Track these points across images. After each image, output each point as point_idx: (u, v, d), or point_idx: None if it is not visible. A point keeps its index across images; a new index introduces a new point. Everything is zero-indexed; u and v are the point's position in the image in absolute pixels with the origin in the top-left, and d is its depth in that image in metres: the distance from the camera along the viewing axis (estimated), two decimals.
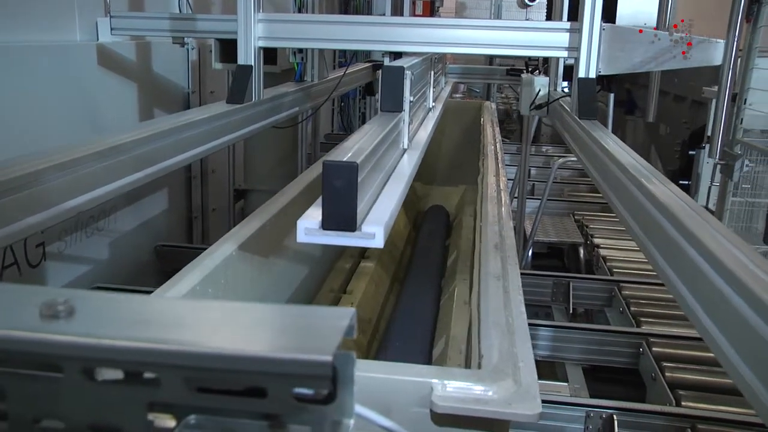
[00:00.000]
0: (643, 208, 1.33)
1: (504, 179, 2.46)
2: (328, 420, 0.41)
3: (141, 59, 3.05)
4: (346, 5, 4.73)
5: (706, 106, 4.45)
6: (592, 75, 2.05)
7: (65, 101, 2.50)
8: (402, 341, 2.16)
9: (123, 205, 2.91)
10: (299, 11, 3.16)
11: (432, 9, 3.73)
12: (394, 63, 2.06)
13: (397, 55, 2.34)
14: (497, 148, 3.05)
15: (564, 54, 2.14)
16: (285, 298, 2.04)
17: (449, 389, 0.94)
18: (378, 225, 1.05)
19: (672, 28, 2.02)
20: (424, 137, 1.89)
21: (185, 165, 2.00)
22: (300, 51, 2.91)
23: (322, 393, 0.41)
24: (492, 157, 2.82)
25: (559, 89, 3.00)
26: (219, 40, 2.57)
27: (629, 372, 2.56)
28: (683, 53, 1.97)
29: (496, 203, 2.08)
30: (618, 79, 3.81)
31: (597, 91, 2.11)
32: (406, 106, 1.64)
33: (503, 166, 2.72)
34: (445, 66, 3.96)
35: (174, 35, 2.68)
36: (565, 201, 4.91)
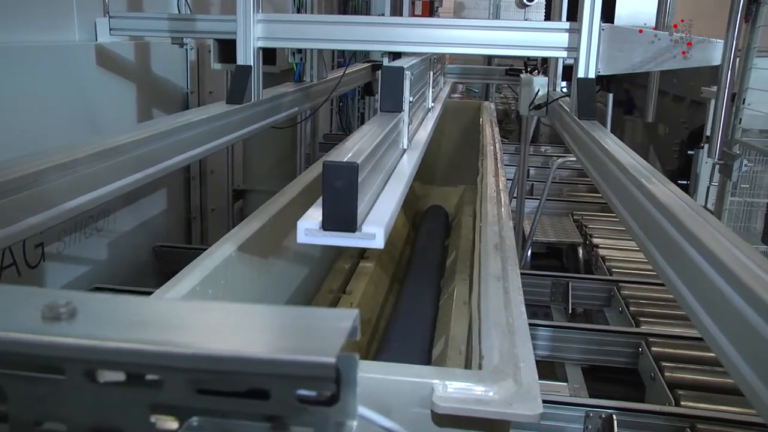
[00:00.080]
0: (643, 208, 1.33)
1: (503, 179, 2.46)
2: (331, 421, 0.41)
3: (140, 59, 3.04)
4: (344, 5, 4.73)
5: (704, 106, 4.46)
6: (591, 75, 2.05)
7: (64, 101, 2.50)
8: (402, 341, 2.16)
9: (122, 206, 2.91)
10: (298, 11, 3.16)
11: (431, 9, 3.73)
12: (393, 63, 2.06)
13: (397, 56, 2.34)
14: (496, 148, 3.05)
15: (563, 54, 2.14)
16: (285, 298, 2.04)
17: (450, 390, 0.94)
18: (378, 225, 1.05)
19: (672, 28, 2.02)
20: (423, 137, 1.89)
21: (185, 165, 1.99)
22: (299, 51, 2.91)
23: (325, 394, 0.41)
24: (491, 157, 2.82)
25: (558, 89, 3.00)
26: (218, 40, 2.57)
27: (628, 372, 2.56)
28: (683, 53, 1.97)
29: (495, 203, 2.08)
30: (617, 79, 3.81)
31: (596, 92, 2.11)
32: (405, 106, 1.64)
33: (502, 166, 2.72)
34: (444, 66, 3.96)
35: (173, 35, 2.68)
36: (564, 201, 4.91)
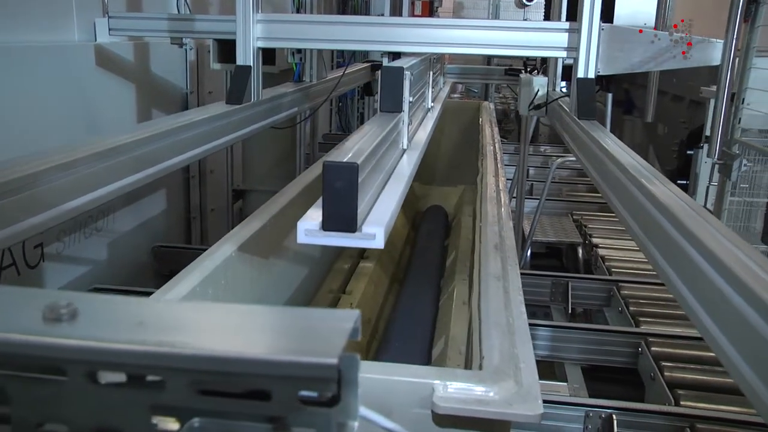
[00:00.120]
0: (643, 208, 1.33)
1: (503, 179, 2.46)
2: (332, 422, 0.41)
3: (139, 60, 3.04)
4: (343, 5, 4.73)
5: (704, 105, 4.46)
6: (591, 75, 2.05)
7: (63, 102, 2.50)
8: (401, 341, 2.16)
9: (121, 206, 2.90)
10: (297, 11, 3.16)
11: (431, 9, 3.73)
12: (393, 63, 2.06)
13: (396, 56, 2.34)
14: (496, 148, 3.05)
15: (563, 54, 2.14)
16: (284, 298, 2.03)
17: (450, 390, 0.94)
18: (378, 226, 1.05)
19: (672, 28, 2.02)
20: (423, 137, 1.89)
21: (184, 166, 1.99)
22: (298, 51, 2.91)
23: (326, 395, 0.41)
24: (491, 157, 2.82)
25: (558, 89, 3.00)
26: (217, 40, 2.56)
27: (628, 371, 2.56)
28: (683, 53, 1.97)
29: (495, 203, 2.08)
30: (616, 79, 3.81)
31: (596, 91, 2.11)
32: (405, 106, 1.63)
33: (502, 166, 2.72)
34: (444, 66, 3.96)
35: (172, 35, 2.68)
36: (564, 201, 4.91)
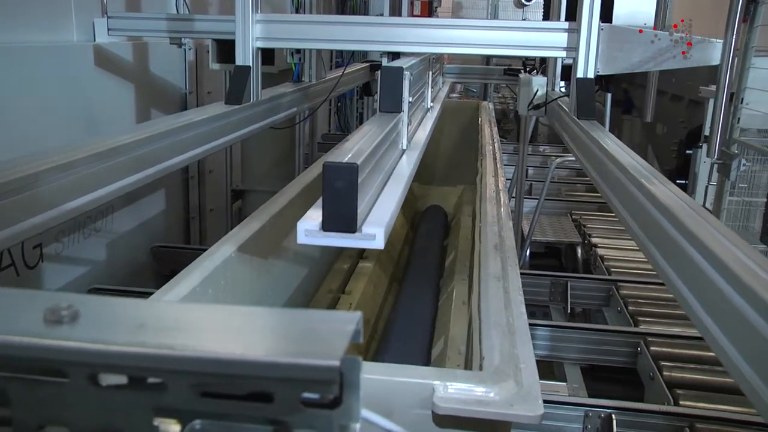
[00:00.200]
0: (643, 207, 1.33)
1: (503, 179, 2.46)
2: (334, 424, 0.41)
3: (138, 60, 3.04)
4: (342, 5, 4.73)
5: (702, 105, 4.47)
6: (590, 75, 2.05)
7: (62, 102, 2.50)
8: (401, 341, 2.16)
9: (120, 206, 2.90)
10: (297, 11, 3.16)
11: (430, 9, 3.73)
12: (392, 63, 2.06)
13: (395, 56, 2.34)
14: (495, 148, 3.05)
15: (562, 54, 2.14)
16: (284, 298, 2.03)
17: (451, 391, 0.94)
18: (378, 226, 1.05)
19: (672, 28, 2.02)
20: (422, 137, 1.89)
21: (184, 166, 1.99)
22: (298, 51, 2.91)
23: (328, 397, 0.41)
24: (490, 157, 2.82)
25: (557, 89, 3.00)
26: (216, 40, 2.56)
27: (627, 371, 2.56)
28: (683, 53, 1.97)
29: (495, 203, 2.08)
30: (615, 79, 3.82)
31: (595, 91, 2.11)
32: (405, 106, 1.63)
33: (502, 166, 2.72)
34: (443, 66, 3.96)
35: (171, 36, 2.68)
36: (563, 200, 4.91)
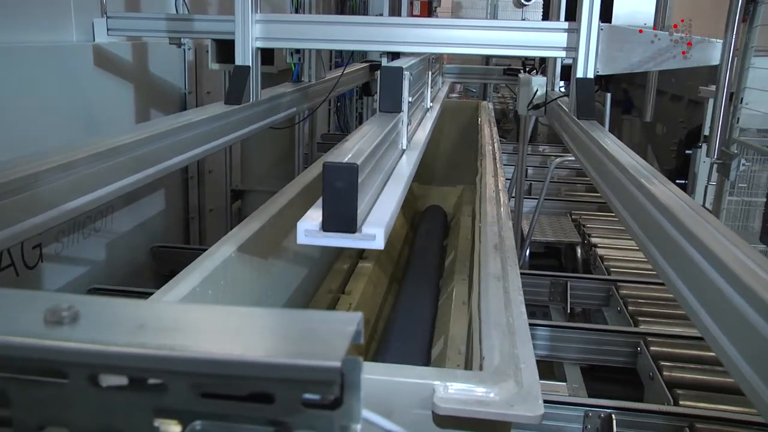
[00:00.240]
0: (643, 207, 1.33)
1: (502, 179, 2.46)
2: (335, 425, 0.41)
3: (137, 60, 3.04)
4: (342, 5, 4.73)
5: (702, 105, 4.47)
6: (590, 75, 2.05)
7: (62, 102, 2.49)
8: (401, 341, 2.16)
9: (120, 206, 2.90)
10: (296, 11, 3.16)
11: (429, 9, 3.73)
12: (392, 63, 2.06)
13: (395, 56, 2.34)
14: (495, 148, 3.05)
15: (562, 54, 2.14)
16: (284, 298, 2.03)
17: (451, 391, 0.94)
18: (378, 226, 1.05)
19: (672, 28, 2.02)
20: (422, 137, 1.89)
21: (183, 166, 1.99)
22: (297, 51, 2.91)
23: (329, 398, 0.41)
24: (490, 157, 2.82)
25: (557, 89, 3.00)
26: (215, 40, 2.56)
27: (627, 371, 2.56)
28: (683, 53, 1.97)
29: (494, 203, 2.08)
30: (615, 79, 3.82)
31: (595, 91, 2.11)
32: (404, 106, 1.63)
33: (501, 166, 2.72)
34: (443, 66, 3.96)
35: (171, 36, 2.68)
36: (563, 200, 4.91)
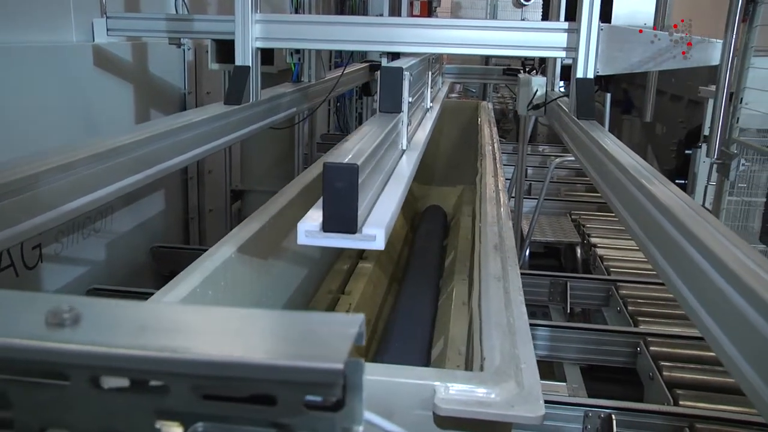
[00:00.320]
0: (643, 208, 1.33)
1: (502, 179, 2.46)
2: (337, 427, 0.41)
3: (137, 60, 3.04)
4: (341, 5, 4.72)
5: (702, 105, 4.47)
6: (590, 75, 2.05)
7: (61, 102, 2.49)
8: (401, 342, 2.16)
9: (119, 207, 2.90)
10: (296, 12, 3.16)
11: (429, 9, 3.73)
12: (392, 64, 2.06)
13: (395, 56, 2.34)
14: (495, 148, 3.05)
15: (562, 54, 2.14)
16: (284, 299, 2.03)
17: (452, 392, 0.94)
18: (379, 227, 1.05)
19: (672, 28, 2.02)
20: (422, 138, 1.89)
21: (183, 166, 1.99)
22: (297, 51, 2.91)
23: (331, 400, 0.41)
24: (490, 157, 2.82)
25: (557, 89, 3.00)
26: (215, 40, 2.56)
27: (627, 371, 2.57)
28: (683, 53, 1.97)
29: (494, 203, 2.08)
30: (615, 79, 3.82)
31: (595, 91, 2.11)
32: (404, 106, 1.63)
33: (501, 166, 2.72)
34: (443, 66, 3.95)
35: (170, 36, 2.68)
36: (562, 200, 4.91)
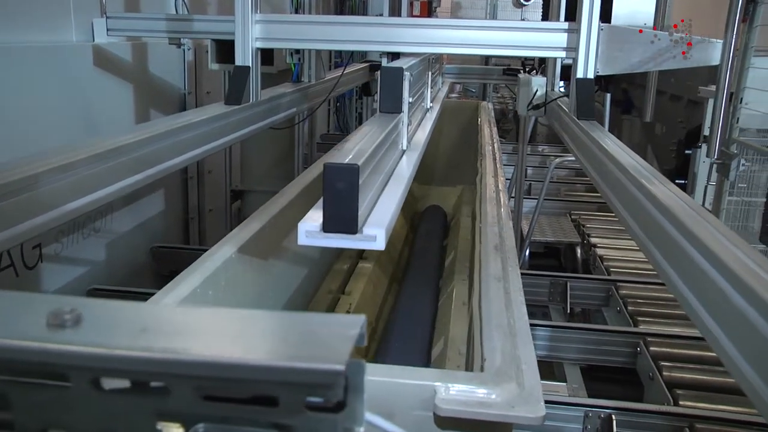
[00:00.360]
0: (643, 208, 1.33)
1: (502, 179, 2.46)
2: (339, 428, 0.41)
3: (137, 60, 3.04)
4: (341, 6, 4.73)
5: (701, 105, 4.47)
6: (590, 75, 2.05)
7: (61, 102, 2.49)
8: (401, 342, 2.16)
9: (119, 207, 2.90)
10: (296, 12, 3.16)
11: (429, 9, 3.73)
12: (392, 64, 2.06)
13: (395, 56, 2.34)
14: (495, 148, 3.05)
15: (562, 54, 2.14)
16: (284, 299, 2.03)
17: (452, 392, 0.93)
18: (379, 227, 1.05)
19: (672, 28, 2.02)
20: (422, 138, 1.89)
21: (183, 166, 1.99)
22: (297, 52, 2.91)
23: (332, 401, 0.41)
24: (490, 157, 2.82)
25: (557, 89, 3.00)
26: (215, 40, 2.56)
27: (627, 371, 2.57)
28: (683, 53, 1.97)
29: (495, 204, 2.08)
30: (615, 79, 3.82)
31: (595, 92, 2.11)
32: (405, 107, 1.63)
33: (501, 166, 2.72)
34: (443, 66, 3.95)
35: (170, 36, 2.68)
36: (562, 200, 4.91)
